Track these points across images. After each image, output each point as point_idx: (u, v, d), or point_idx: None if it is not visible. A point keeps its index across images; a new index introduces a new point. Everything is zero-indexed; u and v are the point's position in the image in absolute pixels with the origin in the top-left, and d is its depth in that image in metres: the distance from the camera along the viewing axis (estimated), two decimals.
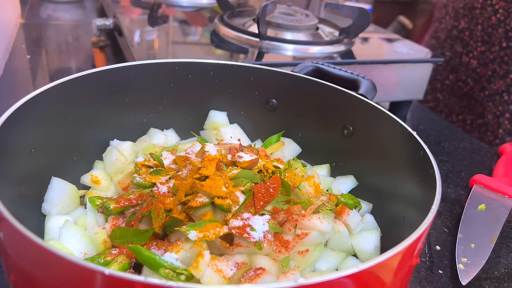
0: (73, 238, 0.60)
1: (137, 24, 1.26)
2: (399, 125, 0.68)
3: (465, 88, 1.49)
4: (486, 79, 1.41)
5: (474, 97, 1.46)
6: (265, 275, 0.53)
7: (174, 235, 0.57)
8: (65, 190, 0.66)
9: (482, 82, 1.43)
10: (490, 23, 1.37)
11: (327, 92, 0.79)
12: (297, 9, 1.26)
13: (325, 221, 0.61)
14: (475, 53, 1.44)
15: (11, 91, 1.16)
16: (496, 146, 1.39)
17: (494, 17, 1.36)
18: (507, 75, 1.35)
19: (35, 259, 0.41)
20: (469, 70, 1.47)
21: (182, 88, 0.84)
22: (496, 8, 1.35)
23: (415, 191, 0.62)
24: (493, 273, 0.72)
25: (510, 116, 1.37)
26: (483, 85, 1.42)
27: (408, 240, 0.45)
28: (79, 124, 0.72)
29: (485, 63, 1.41)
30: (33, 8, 1.87)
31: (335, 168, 0.82)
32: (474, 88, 1.46)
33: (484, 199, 0.85)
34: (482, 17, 1.39)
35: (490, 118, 1.41)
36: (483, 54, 1.41)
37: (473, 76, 1.46)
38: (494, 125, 1.41)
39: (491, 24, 1.37)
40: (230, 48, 1.10)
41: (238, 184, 0.62)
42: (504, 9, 1.33)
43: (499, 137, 1.40)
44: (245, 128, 0.88)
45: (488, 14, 1.37)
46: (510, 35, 1.33)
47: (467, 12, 1.45)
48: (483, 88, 1.42)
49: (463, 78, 1.50)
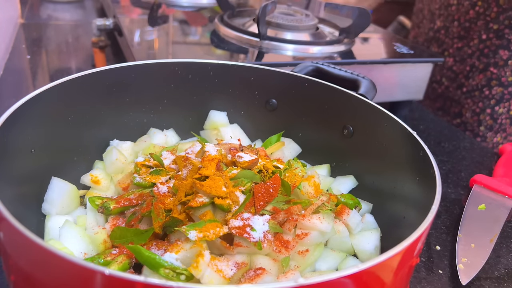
0: (73, 238, 0.60)
1: (137, 24, 1.26)
2: (399, 125, 0.68)
3: (439, 89, 1.48)
4: (464, 75, 1.39)
5: (450, 96, 1.44)
6: (265, 275, 0.53)
7: (174, 235, 0.57)
8: (65, 190, 0.66)
9: (459, 80, 1.41)
10: (468, 17, 1.36)
11: (327, 92, 0.79)
12: (297, 9, 1.26)
13: (325, 221, 0.61)
14: (450, 50, 1.42)
15: (11, 91, 1.16)
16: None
17: (472, 11, 1.34)
18: (488, 68, 1.33)
19: (35, 259, 0.41)
20: (444, 69, 1.45)
21: (182, 88, 0.84)
22: (474, 1, 1.34)
23: (415, 191, 0.62)
24: (493, 273, 0.72)
25: (491, 112, 1.35)
26: (460, 83, 1.40)
27: (408, 240, 0.45)
28: (79, 124, 0.72)
29: (462, 59, 1.39)
30: (33, 8, 1.87)
31: (335, 168, 0.82)
32: (450, 87, 1.44)
33: (484, 199, 0.85)
34: (459, 13, 1.38)
35: (469, 116, 1.39)
36: (460, 50, 1.39)
37: (448, 75, 1.44)
38: (474, 123, 1.39)
39: (469, 18, 1.36)
40: (230, 48, 1.10)
41: (238, 184, 0.62)
42: (483, 1, 1.31)
43: (480, 135, 1.39)
44: (245, 128, 0.88)
45: (465, 8, 1.36)
46: (490, 26, 1.31)
47: (443, 11, 1.44)
48: (460, 85, 1.40)
49: (438, 79, 1.48)
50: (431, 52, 1.28)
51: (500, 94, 1.34)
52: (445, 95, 1.47)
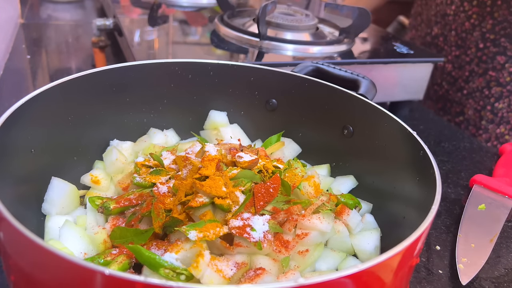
0: (73, 238, 0.60)
1: (137, 24, 1.26)
2: (399, 125, 0.68)
3: (440, 92, 1.54)
4: (463, 79, 1.46)
5: (450, 99, 1.51)
6: (265, 275, 0.53)
7: (174, 235, 0.57)
8: (65, 190, 0.66)
9: (458, 84, 1.48)
10: (464, 28, 1.42)
11: (327, 92, 0.79)
12: (297, 9, 1.26)
13: (325, 221, 0.61)
14: (449, 57, 1.49)
15: (11, 91, 1.16)
16: (479, 137, 1.45)
17: (467, 23, 1.40)
18: (486, 72, 1.40)
19: (35, 259, 0.41)
20: (444, 74, 1.52)
21: (182, 88, 0.84)
22: (469, 14, 1.40)
23: (415, 191, 0.62)
24: (493, 273, 0.72)
25: (491, 108, 1.43)
26: (459, 86, 1.48)
27: (408, 240, 0.45)
28: (79, 124, 0.72)
29: (461, 66, 1.46)
30: (33, 8, 1.87)
31: (335, 168, 0.82)
32: (450, 90, 1.51)
33: (484, 199, 0.85)
34: (455, 23, 1.44)
35: (471, 113, 1.46)
36: (458, 58, 1.46)
37: (448, 79, 1.51)
38: (476, 118, 1.46)
39: (465, 29, 1.41)
40: (230, 48, 1.10)
41: (238, 184, 0.62)
42: (478, 14, 1.37)
43: (482, 128, 1.46)
44: (245, 128, 0.88)
45: (461, 20, 1.42)
46: (486, 36, 1.37)
47: (440, 19, 1.50)
48: (460, 88, 1.47)
49: (439, 82, 1.55)
50: (431, 52, 1.28)
51: (499, 92, 1.40)
52: (445, 97, 1.54)
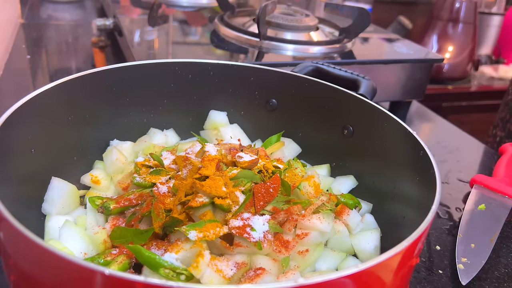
0: (73, 238, 0.60)
1: (137, 24, 1.26)
2: (399, 125, 0.68)
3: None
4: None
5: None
6: (265, 275, 0.53)
7: (174, 235, 0.57)
8: (65, 190, 0.66)
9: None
10: None
11: (327, 92, 0.79)
12: (297, 9, 1.26)
13: (325, 221, 0.61)
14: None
15: (11, 91, 1.16)
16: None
17: None
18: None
19: (35, 259, 0.41)
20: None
21: (182, 88, 0.84)
22: None
23: (415, 191, 0.62)
24: (493, 273, 0.72)
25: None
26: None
27: (408, 240, 0.45)
28: (79, 124, 0.72)
29: None
30: (33, 8, 1.87)
31: (335, 168, 0.82)
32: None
33: (484, 199, 0.85)
34: None
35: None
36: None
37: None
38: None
39: None
40: (230, 48, 1.10)
41: (238, 184, 0.62)
42: None
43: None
44: (245, 128, 0.88)
45: None
46: None
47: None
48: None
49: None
50: (431, 52, 1.28)
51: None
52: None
